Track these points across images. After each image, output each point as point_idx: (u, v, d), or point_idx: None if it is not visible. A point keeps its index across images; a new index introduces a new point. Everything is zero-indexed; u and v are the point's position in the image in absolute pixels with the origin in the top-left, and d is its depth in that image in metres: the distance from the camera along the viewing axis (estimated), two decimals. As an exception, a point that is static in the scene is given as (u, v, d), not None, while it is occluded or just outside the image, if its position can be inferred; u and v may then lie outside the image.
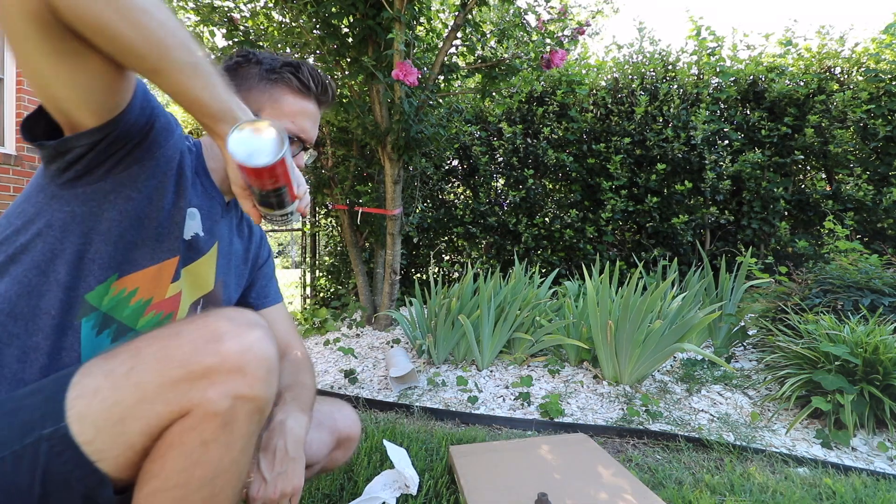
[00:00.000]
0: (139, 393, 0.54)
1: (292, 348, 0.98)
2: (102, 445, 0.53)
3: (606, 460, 1.27)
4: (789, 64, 3.86)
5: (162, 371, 0.55)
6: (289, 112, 0.82)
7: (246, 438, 0.59)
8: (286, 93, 0.82)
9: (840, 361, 1.65)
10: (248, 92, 0.81)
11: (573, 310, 2.45)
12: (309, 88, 0.83)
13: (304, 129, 0.84)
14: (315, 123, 0.87)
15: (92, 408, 0.53)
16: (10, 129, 4.11)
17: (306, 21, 2.64)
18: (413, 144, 2.75)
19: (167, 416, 0.55)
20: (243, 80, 0.81)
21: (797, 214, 3.78)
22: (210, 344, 0.57)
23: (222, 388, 0.56)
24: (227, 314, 0.62)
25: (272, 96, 0.82)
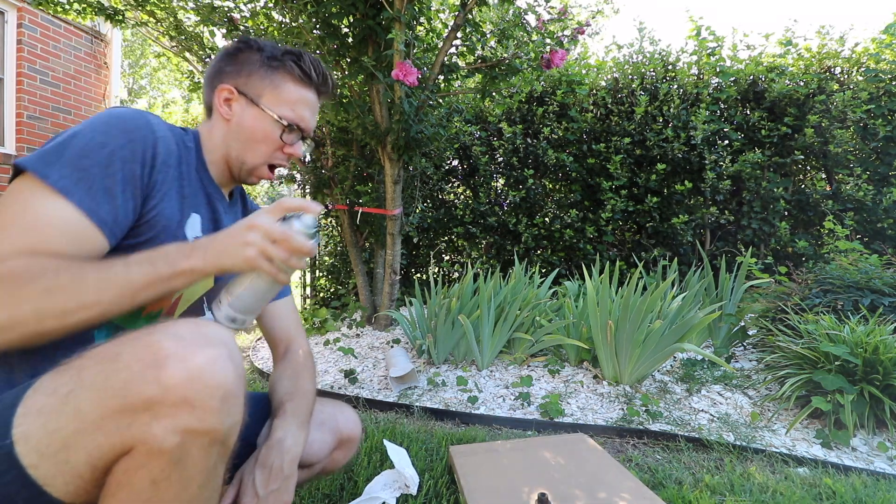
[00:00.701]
0: (79, 421, 0.49)
1: (295, 345, 0.97)
2: (48, 472, 0.50)
3: (606, 460, 1.27)
4: (789, 64, 3.86)
5: (100, 399, 0.49)
6: (289, 99, 0.82)
7: (205, 474, 0.54)
8: (287, 80, 0.82)
9: (840, 361, 1.65)
10: (249, 77, 0.81)
11: (573, 310, 2.45)
12: (310, 77, 0.84)
13: (303, 118, 0.84)
14: (314, 113, 0.87)
15: (34, 430, 0.50)
16: (10, 129, 4.11)
17: (306, 21, 2.64)
18: (413, 144, 2.75)
19: (109, 449, 0.49)
20: (243, 66, 0.82)
21: (797, 214, 3.78)
22: (150, 370, 0.49)
23: (167, 423, 0.49)
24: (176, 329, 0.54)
25: (273, 82, 0.82)
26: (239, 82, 0.82)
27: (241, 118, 0.82)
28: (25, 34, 4.11)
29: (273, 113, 0.81)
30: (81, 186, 0.61)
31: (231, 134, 0.82)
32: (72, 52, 4.55)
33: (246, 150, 0.83)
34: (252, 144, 0.82)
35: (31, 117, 4.20)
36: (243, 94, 0.81)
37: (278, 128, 0.82)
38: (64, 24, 4.43)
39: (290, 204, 0.66)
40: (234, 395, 0.53)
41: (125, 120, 0.67)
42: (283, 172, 4.18)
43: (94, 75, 4.80)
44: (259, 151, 0.83)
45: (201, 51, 2.96)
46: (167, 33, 2.98)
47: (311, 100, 0.86)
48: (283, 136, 0.82)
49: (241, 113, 0.82)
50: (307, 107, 0.85)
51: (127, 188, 0.65)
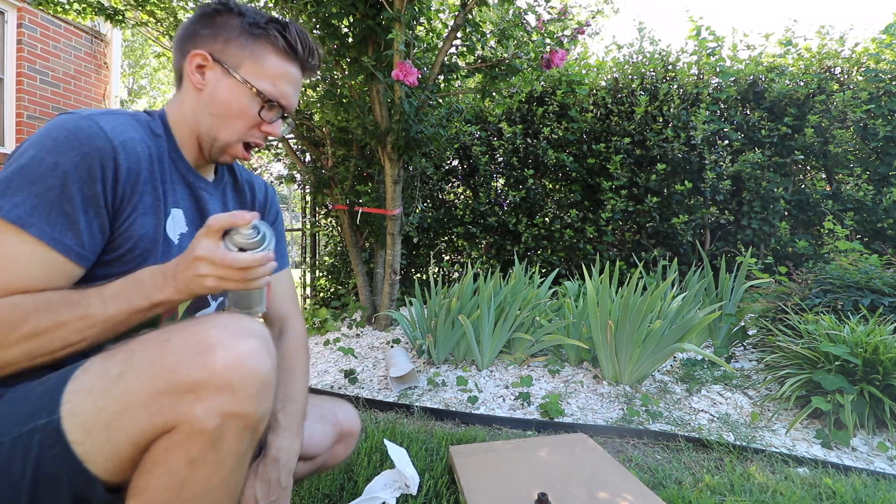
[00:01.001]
0: (126, 400, 0.52)
1: (290, 327, 0.94)
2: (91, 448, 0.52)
3: (606, 460, 1.27)
4: (789, 64, 3.86)
5: (149, 380, 0.53)
6: (271, 73, 0.75)
7: (237, 458, 0.57)
8: (270, 51, 0.75)
9: (840, 361, 1.65)
10: (226, 43, 0.74)
11: (573, 310, 2.45)
12: (295, 50, 0.76)
13: (284, 95, 0.77)
14: (297, 90, 0.80)
15: (83, 407, 0.53)
16: (10, 129, 4.11)
17: (306, 21, 2.64)
18: (413, 144, 2.75)
19: (152, 428, 0.52)
20: (220, 30, 0.74)
21: (797, 214, 3.78)
22: (198, 356, 0.53)
23: (210, 405, 0.52)
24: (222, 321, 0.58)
25: (254, 52, 0.74)
26: (215, 48, 0.74)
27: (214, 88, 0.74)
28: (25, 34, 4.11)
29: (253, 86, 0.74)
30: (38, 215, 0.58)
31: (202, 106, 0.75)
32: (72, 52, 4.55)
33: (219, 125, 0.75)
34: (226, 119, 0.75)
35: (31, 117, 4.20)
36: (219, 61, 0.73)
37: (257, 103, 0.75)
38: (64, 24, 4.43)
39: (220, 222, 0.63)
40: (270, 385, 0.58)
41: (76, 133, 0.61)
42: (284, 172, 4.19)
43: (94, 75, 4.80)
44: (234, 127, 0.76)
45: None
46: (167, 33, 2.98)
47: (295, 76, 0.78)
48: (261, 113, 0.75)
49: (216, 83, 0.74)
50: (290, 83, 0.77)
51: (89, 209, 0.62)
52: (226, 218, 0.62)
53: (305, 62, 0.79)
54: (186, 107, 0.76)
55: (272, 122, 0.78)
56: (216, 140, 0.76)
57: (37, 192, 0.58)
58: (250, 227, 0.63)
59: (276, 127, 0.78)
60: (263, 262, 0.63)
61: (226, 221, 0.61)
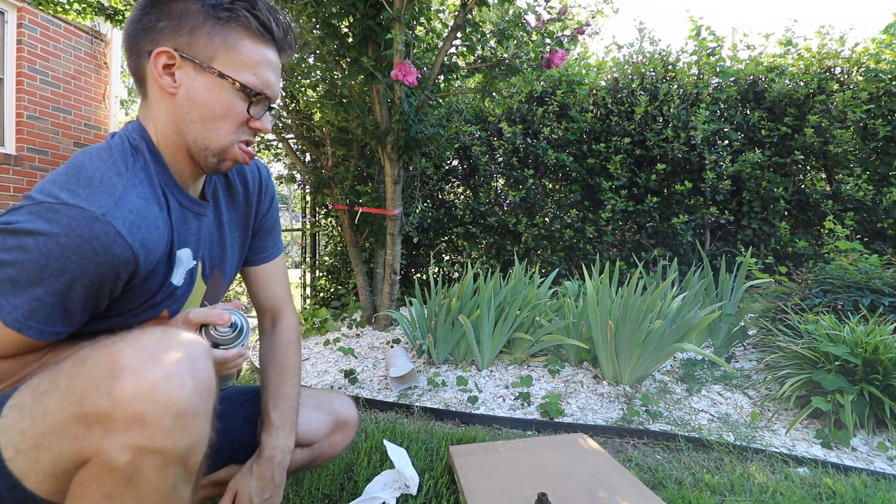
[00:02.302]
0: (44, 424, 0.49)
1: (282, 319, 0.91)
2: (23, 466, 0.50)
3: (606, 460, 1.27)
4: (789, 64, 3.86)
5: (62, 405, 0.49)
6: (249, 62, 0.65)
7: (162, 494, 0.50)
8: (244, 36, 0.65)
9: (840, 361, 1.65)
10: (192, 35, 0.63)
11: (573, 310, 2.45)
12: (271, 31, 0.67)
13: (268, 83, 0.68)
14: (278, 76, 0.71)
15: (11, 425, 0.50)
16: (10, 129, 4.11)
17: (306, 21, 2.64)
18: (413, 144, 2.75)
19: (68, 456, 0.49)
20: (182, 19, 0.63)
21: (797, 214, 3.78)
22: (105, 381, 0.48)
23: (119, 439, 0.47)
24: (140, 339, 0.52)
25: (226, 41, 0.64)
26: (180, 42, 0.63)
27: (189, 90, 0.64)
28: (25, 34, 4.11)
29: (234, 80, 0.64)
30: (35, 318, 0.55)
31: (181, 113, 0.65)
32: (72, 52, 4.55)
33: (205, 132, 0.66)
34: (211, 123, 0.66)
35: (31, 117, 4.20)
36: (188, 57, 0.63)
37: (242, 98, 0.66)
38: (64, 24, 4.43)
39: (197, 317, 0.62)
40: (192, 414, 0.50)
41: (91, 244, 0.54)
42: (283, 173, 4.19)
43: (94, 75, 4.80)
44: (223, 130, 0.66)
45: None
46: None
47: (274, 60, 0.69)
48: (249, 109, 0.67)
49: (189, 83, 0.64)
50: (270, 68, 0.68)
51: (90, 301, 0.58)
52: (203, 314, 0.63)
53: (282, 44, 0.70)
54: (163, 118, 0.66)
55: (261, 117, 0.69)
56: (207, 149, 0.67)
57: (38, 296, 0.54)
58: (226, 326, 0.64)
59: (265, 121, 0.70)
60: (235, 359, 0.64)
61: (204, 316, 0.62)
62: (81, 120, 4.67)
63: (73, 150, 4.59)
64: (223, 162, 0.69)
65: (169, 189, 0.67)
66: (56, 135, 4.42)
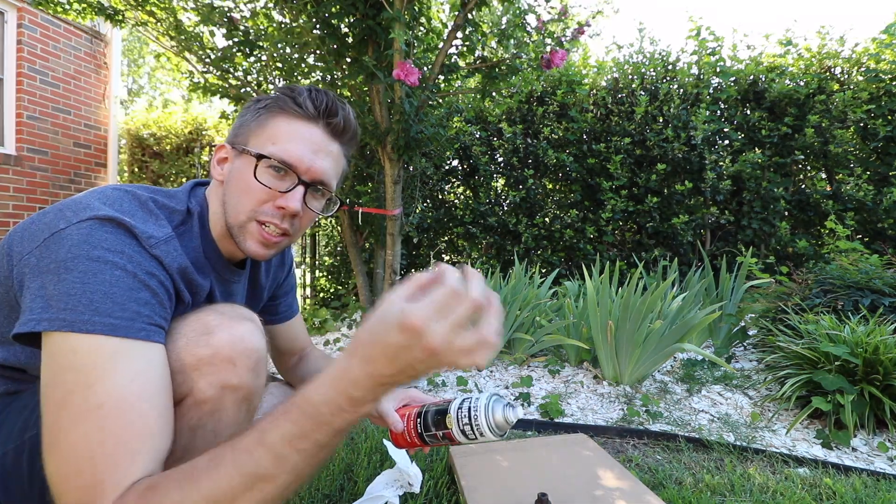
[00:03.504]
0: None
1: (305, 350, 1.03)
2: None
3: (606, 460, 1.27)
4: (789, 64, 3.86)
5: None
6: (273, 134, 0.66)
7: (234, 427, 0.61)
8: (277, 115, 0.67)
9: (840, 361, 1.65)
10: (240, 128, 0.70)
11: (573, 310, 2.45)
12: (305, 107, 0.67)
13: (289, 152, 0.66)
14: (317, 151, 0.68)
15: None
16: (10, 129, 4.11)
17: (306, 21, 2.64)
18: (413, 144, 2.75)
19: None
20: (240, 120, 0.71)
21: (797, 214, 3.78)
22: (203, 337, 0.59)
23: (212, 378, 0.58)
24: (219, 309, 0.63)
25: (261, 124, 0.68)
26: (232, 137, 0.71)
27: (229, 173, 0.69)
28: (25, 34, 4.11)
29: (252, 152, 0.66)
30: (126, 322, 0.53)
31: (224, 196, 0.70)
32: (72, 52, 4.55)
33: (231, 210, 0.68)
34: (237, 198, 0.67)
35: (31, 117, 4.20)
36: (234, 147, 0.69)
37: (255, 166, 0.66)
38: (64, 24, 4.43)
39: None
40: (264, 360, 0.64)
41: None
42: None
43: (94, 75, 4.80)
44: (242, 206, 0.67)
45: (201, 51, 2.96)
46: (167, 33, 2.97)
47: (310, 135, 0.67)
48: (256, 173, 0.65)
49: (230, 167, 0.69)
50: (301, 141, 0.67)
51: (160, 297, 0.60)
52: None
53: (327, 120, 0.68)
54: (216, 204, 0.71)
55: (286, 193, 0.66)
56: (233, 227, 0.69)
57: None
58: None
59: (291, 198, 0.66)
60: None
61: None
62: (81, 120, 4.66)
63: (73, 150, 4.59)
64: (245, 240, 0.68)
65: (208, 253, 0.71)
66: (56, 135, 4.42)
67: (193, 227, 0.68)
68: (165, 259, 0.59)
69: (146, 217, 0.60)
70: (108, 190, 0.61)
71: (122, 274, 0.53)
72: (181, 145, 5.24)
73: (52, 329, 0.50)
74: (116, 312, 0.51)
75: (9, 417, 0.61)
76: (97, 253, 0.53)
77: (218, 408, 0.59)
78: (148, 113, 5.63)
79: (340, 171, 0.75)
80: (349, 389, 0.44)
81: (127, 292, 0.53)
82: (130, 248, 0.55)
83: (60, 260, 0.52)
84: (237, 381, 0.60)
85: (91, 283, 0.51)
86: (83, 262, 0.52)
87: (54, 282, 0.51)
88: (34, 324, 0.50)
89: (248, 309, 0.67)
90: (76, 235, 0.53)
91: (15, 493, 0.58)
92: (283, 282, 0.96)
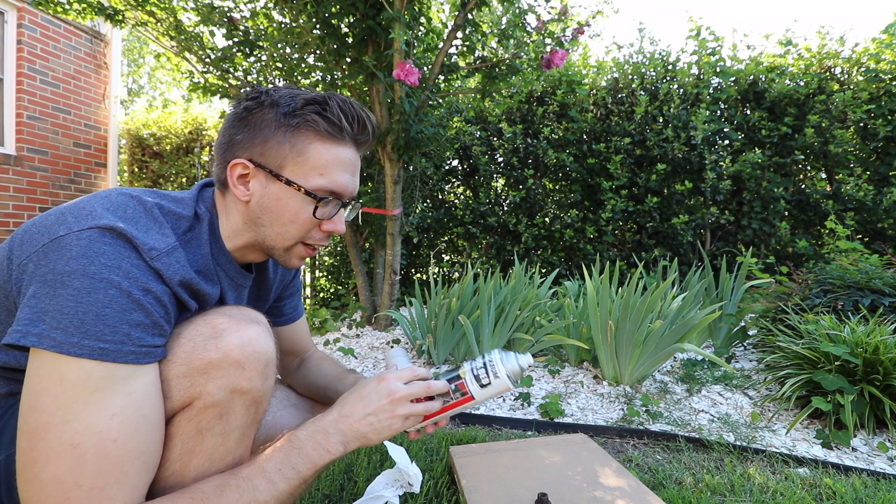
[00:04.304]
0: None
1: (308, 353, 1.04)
2: None
3: (606, 460, 1.27)
4: (789, 64, 3.86)
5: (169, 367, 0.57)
6: (318, 164, 0.66)
7: (242, 430, 0.62)
8: (313, 139, 0.66)
9: (840, 361, 1.65)
10: (265, 145, 0.65)
11: (573, 310, 2.45)
12: (341, 129, 0.66)
13: (338, 184, 0.67)
14: (355, 172, 0.70)
15: None
16: (10, 129, 4.11)
17: (306, 21, 2.64)
18: (413, 144, 2.75)
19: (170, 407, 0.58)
20: (256, 131, 0.66)
21: (797, 214, 3.78)
22: (211, 340, 0.58)
23: (221, 382, 0.58)
24: (227, 311, 0.63)
25: (295, 147, 0.65)
26: (254, 153, 0.66)
27: (262, 198, 0.67)
28: (25, 34, 4.11)
29: (301, 186, 0.65)
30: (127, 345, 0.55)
31: (253, 217, 0.68)
32: (72, 52, 4.55)
33: (274, 235, 0.68)
34: (279, 227, 0.68)
35: (31, 117, 4.20)
36: (260, 166, 0.66)
37: (309, 203, 0.67)
38: (64, 24, 4.43)
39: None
40: (272, 364, 0.64)
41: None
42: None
43: (94, 75, 4.80)
44: (290, 233, 0.68)
45: (201, 51, 2.96)
46: (167, 33, 2.97)
47: (348, 157, 0.68)
48: (316, 213, 0.67)
49: (262, 191, 0.67)
50: (343, 168, 0.68)
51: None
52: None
53: (357, 138, 0.69)
54: (236, 219, 0.69)
55: (332, 217, 0.70)
56: (274, 249, 0.70)
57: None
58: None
59: (337, 222, 0.70)
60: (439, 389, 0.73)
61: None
62: (81, 120, 4.66)
63: (73, 150, 4.59)
64: (290, 260, 0.72)
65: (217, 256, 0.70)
66: (56, 135, 4.42)
67: (202, 234, 0.67)
68: (166, 272, 0.58)
69: (150, 225, 0.59)
70: (114, 195, 0.60)
71: (117, 293, 0.52)
72: (181, 145, 5.23)
73: (41, 347, 0.49)
74: (106, 335, 0.51)
75: (11, 421, 0.60)
76: (94, 269, 0.52)
77: (227, 411, 0.59)
78: (148, 113, 5.63)
79: None
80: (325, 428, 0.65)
81: (119, 314, 0.52)
82: (129, 262, 0.54)
83: (57, 272, 0.51)
84: (247, 385, 0.59)
85: (84, 302, 0.50)
86: (79, 278, 0.51)
87: (49, 295, 0.51)
88: (20, 336, 0.50)
89: (256, 311, 0.66)
90: (75, 247, 0.52)
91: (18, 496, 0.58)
92: (289, 283, 0.96)
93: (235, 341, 0.59)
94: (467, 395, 0.71)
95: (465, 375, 0.72)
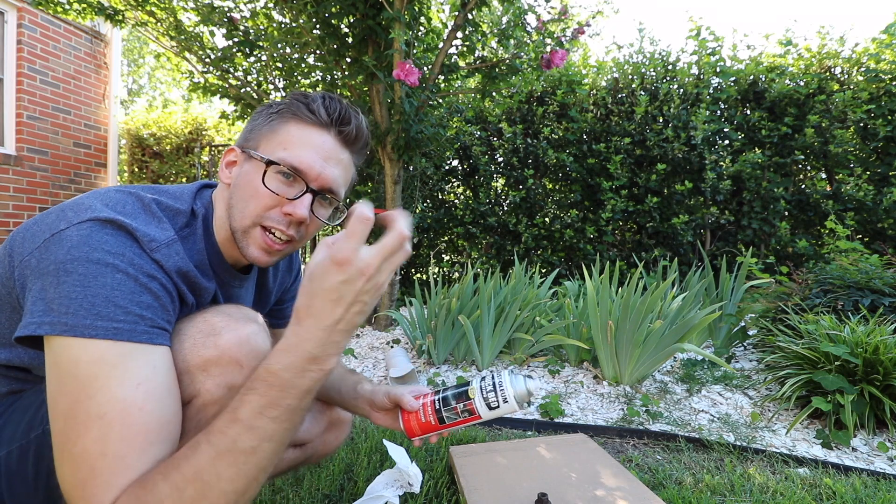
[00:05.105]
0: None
1: None
2: None
3: (606, 460, 1.27)
4: (789, 64, 3.86)
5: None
6: (284, 140, 0.66)
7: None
8: (289, 122, 0.67)
9: (840, 361, 1.65)
10: (251, 132, 0.70)
11: (573, 310, 2.44)
12: (318, 114, 0.66)
13: (301, 160, 0.65)
14: (328, 159, 0.67)
15: None
16: (10, 129, 4.11)
17: (306, 21, 2.64)
18: (413, 144, 2.75)
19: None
20: (253, 122, 0.70)
21: (797, 214, 3.78)
22: (209, 338, 0.59)
23: (219, 379, 0.58)
24: (225, 310, 0.63)
25: (273, 129, 0.67)
26: (242, 140, 0.70)
27: (237, 177, 0.68)
28: (25, 34, 4.11)
29: (262, 157, 0.65)
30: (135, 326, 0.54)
31: (229, 198, 0.69)
32: (72, 52, 4.55)
33: (237, 214, 0.67)
34: (243, 203, 0.67)
35: (31, 117, 4.20)
36: (244, 150, 0.68)
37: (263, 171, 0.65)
38: (64, 24, 4.43)
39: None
40: None
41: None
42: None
43: (94, 75, 4.80)
44: (248, 210, 0.66)
45: (201, 51, 2.96)
46: (167, 33, 2.98)
47: (321, 142, 0.67)
48: (265, 178, 0.65)
49: (238, 171, 0.68)
50: (312, 148, 0.66)
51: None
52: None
53: (339, 128, 0.68)
54: (221, 207, 0.70)
55: (295, 199, 0.66)
56: (237, 232, 0.68)
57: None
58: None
59: (297, 206, 0.66)
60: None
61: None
62: (81, 120, 4.66)
63: (73, 150, 4.59)
64: (248, 247, 0.68)
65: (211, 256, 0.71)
66: (56, 135, 4.42)
67: (197, 231, 0.68)
68: (166, 263, 0.58)
69: (148, 219, 0.59)
70: (111, 192, 0.61)
71: (124, 277, 0.52)
72: (181, 145, 5.24)
73: (54, 333, 0.49)
74: (119, 316, 0.51)
75: (13, 417, 0.61)
76: (97, 255, 0.52)
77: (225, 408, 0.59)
78: (148, 113, 5.63)
79: (349, 179, 0.74)
80: (307, 348, 0.49)
81: (129, 296, 0.52)
82: (131, 250, 0.54)
83: (59, 262, 0.51)
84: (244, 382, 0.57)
85: (92, 286, 0.51)
86: (83, 264, 0.51)
87: (54, 284, 0.51)
88: (35, 327, 0.50)
89: (252, 311, 0.67)
90: (76, 237, 0.52)
91: (19, 492, 0.58)
92: (289, 287, 0.96)
93: (233, 339, 0.59)
94: (475, 415, 0.72)
95: (475, 395, 0.71)
